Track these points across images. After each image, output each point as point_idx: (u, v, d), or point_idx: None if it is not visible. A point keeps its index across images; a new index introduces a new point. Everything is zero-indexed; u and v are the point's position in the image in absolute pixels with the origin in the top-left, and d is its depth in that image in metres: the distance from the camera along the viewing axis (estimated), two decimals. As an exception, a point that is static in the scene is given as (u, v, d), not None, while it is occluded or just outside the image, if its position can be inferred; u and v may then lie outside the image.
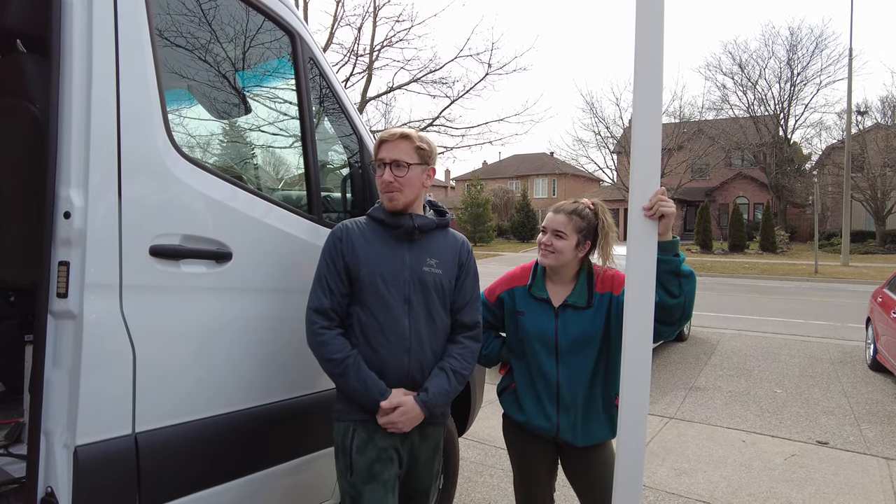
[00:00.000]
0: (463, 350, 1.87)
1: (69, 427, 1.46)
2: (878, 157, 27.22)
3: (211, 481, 1.73)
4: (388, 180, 1.79)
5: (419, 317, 1.79)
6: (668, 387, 5.89)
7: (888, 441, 4.43)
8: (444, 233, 1.92)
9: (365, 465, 1.73)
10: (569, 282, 2.00)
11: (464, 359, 1.86)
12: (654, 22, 1.62)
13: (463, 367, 1.85)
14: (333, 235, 1.83)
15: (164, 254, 1.63)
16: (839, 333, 8.80)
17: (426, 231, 1.85)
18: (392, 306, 1.77)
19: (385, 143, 1.82)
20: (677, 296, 1.74)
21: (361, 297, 1.78)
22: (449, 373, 1.81)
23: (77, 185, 1.47)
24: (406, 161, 1.80)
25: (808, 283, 16.72)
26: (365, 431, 1.75)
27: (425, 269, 1.82)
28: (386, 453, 1.76)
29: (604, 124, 33.89)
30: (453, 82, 16.86)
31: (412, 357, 1.78)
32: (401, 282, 1.78)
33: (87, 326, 1.47)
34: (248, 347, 1.86)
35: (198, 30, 1.89)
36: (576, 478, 2.06)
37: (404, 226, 1.81)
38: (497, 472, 3.76)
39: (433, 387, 1.78)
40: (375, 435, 1.75)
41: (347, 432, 1.77)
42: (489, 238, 34.70)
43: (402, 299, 1.78)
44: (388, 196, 1.81)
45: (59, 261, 1.48)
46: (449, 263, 1.87)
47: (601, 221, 1.95)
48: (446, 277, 1.85)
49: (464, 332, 1.89)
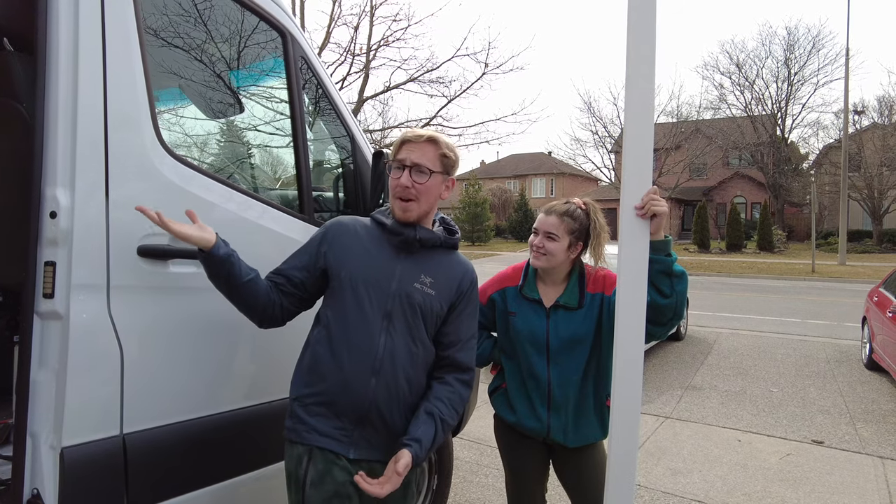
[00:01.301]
0: (453, 396, 1.65)
1: (55, 428, 1.45)
2: (874, 156, 27.24)
3: (201, 483, 1.72)
4: (405, 185, 1.60)
5: (397, 337, 1.59)
6: (664, 386, 5.89)
7: (883, 440, 4.43)
8: (449, 254, 1.74)
9: (319, 501, 1.52)
10: (560, 282, 1.99)
11: (453, 406, 1.65)
12: (647, 20, 1.62)
13: (451, 416, 1.64)
14: (331, 223, 1.71)
15: (152, 254, 1.62)
16: (835, 333, 8.81)
17: (428, 246, 1.68)
18: (368, 318, 1.58)
19: (408, 143, 1.64)
20: (669, 296, 1.73)
21: (335, 300, 1.62)
22: (438, 422, 1.59)
23: (63, 184, 1.46)
24: (429, 167, 1.61)
25: (805, 283, 16.74)
26: (323, 462, 1.54)
27: (416, 285, 1.62)
28: (345, 489, 1.53)
29: (601, 124, 33.96)
30: (450, 82, 16.82)
31: (380, 380, 1.56)
32: (384, 293, 1.60)
33: (74, 327, 1.46)
34: (239, 348, 1.86)
35: (187, 28, 1.88)
36: (567, 478, 2.06)
37: (405, 235, 1.64)
38: (492, 471, 3.76)
39: (424, 436, 1.55)
40: (334, 467, 1.53)
41: (301, 461, 1.55)
42: (487, 238, 34.70)
43: (381, 313, 1.59)
44: (403, 206, 1.62)
45: (46, 261, 1.47)
46: (446, 287, 1.67)
47: (593, 222, 1.94)
48: (439, 301, 1.65)
49: (456, 373, 1.69)
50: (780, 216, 32.48)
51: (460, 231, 1.85)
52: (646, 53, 1.62)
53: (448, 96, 16.49)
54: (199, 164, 1.92)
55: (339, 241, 1.67)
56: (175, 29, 1.84)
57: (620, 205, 1.67)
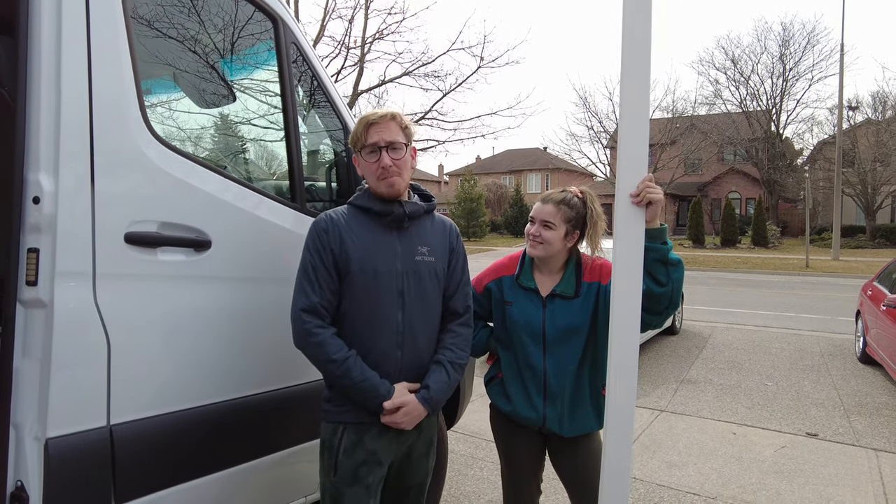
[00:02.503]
0: (456, 339, 1.81)
1: (40, 419, 1.41)
2: (868, 152, 27.32)
3: (190, 475, 1.69)
4: (387, 164, 1.67)
5: (412, 308, 1.71)
6: (659, 380, 5.89)
7: (877, 432, 4.45)
8: (431, 218, 1.85)
9: (351, 467, 1.67)
10: (557, 272, 1.97)
11: (458, 348, 1.81)
12: (643, 8, 1.59)
13: (459, 356, 1.80)
14: (317, 227, 1.70)
15: (140, 241, 1.58)
16: (829, 327, 8.84)
17: (415, 218, 1.77)
18: (384, 300, 1.68)
19: (374, 125, 1.70)
20: (665, 284, 1.71)
21: (351, 293, 1.68)
22: (447, 365, 1.76)
23: (47, 169, 1.42)
24: (402, 142, 1.71)
25: (799, 278, 16.81)
26: (355, 433, 1.69)
27: (417, 258, 1.74)
28: (374, 457, 1.69)
29: (597, 119, 33.88)
30: (445, 75, 16.72)
31: (405, 351, 1.71)
32: (393, 273, 1.70)
33: (59, 315, 1.42)
34: (229, 338, 1.82)
35: (175, 12, 1.84)
36: (563, 470, 2.04)
37: (394, 213, 1.72)
38: (487, 464, 3.74)
39: (434, 383, 1.72)
40: (365, 437, 1.69)
41: (336, 432, 1.70)
42: (482, 233, 34.65)
43: (395, 292, 1.69)
44: (388, 182, 1.69)
45: (29, 247, 1.43)
46: (440, 249, 1.80)
47: (590, 210, 1.91)
48: (440, 264, 1.79)
49: (455, 319, 1.83)
50: (775, 211, 32.59)
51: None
52: (641, 38, 1.59)
53: (443, 90, 16.40)
54: (188, 150, 1.88)
55: (338, 235, 1.69)
56: (163, 12, 1.79)
57: (616, 193, 1.65)
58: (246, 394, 1.87)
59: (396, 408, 1.66)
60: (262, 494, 1.95)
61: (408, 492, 1.86)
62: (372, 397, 1.64)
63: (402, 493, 1.85)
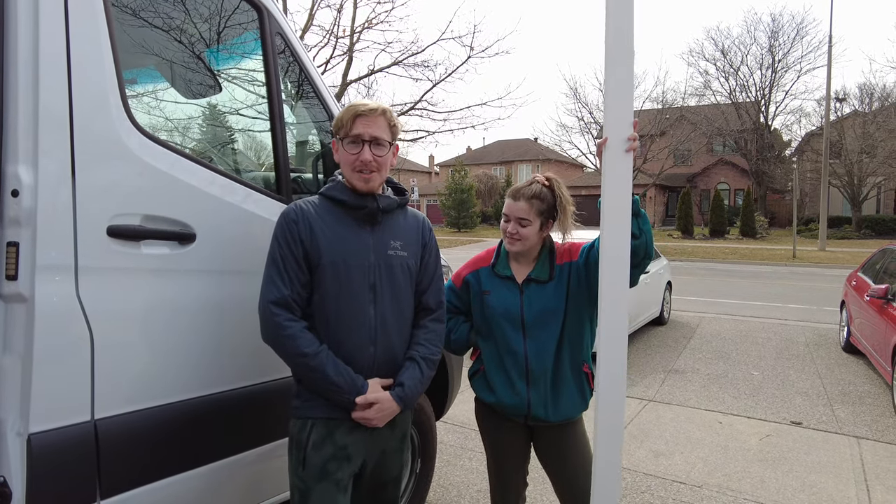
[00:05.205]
0: (429, 335, 1.80)
1: (22, 414, 1.40)
2: (855, 143, 27.59)
3: (175, 469, 1.68)
4: (367, 159, 1.65)
5: (385, 303, 1.69)
6: (647, 370, 5.95)
7: (859, 420, 4.52)
8: (404, 212, 1.83)
9: (319, 462, 1.64)
10: (532, 261, 2.03)
11: (431, 343, 1.79)
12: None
13: (432, 352, 1.79)
14: (287, 217, 1.66)
15: (123, 234, 1.56)
16: (815, 316, 8.96)
17: (388, 212, 1.75)
18: (356, 295, 1.66)
19: (362, 117, 1.66)
20: (638, 236, 1.76)
21: (322, 286, 1.65)
22: (420, 362, 1.74)
23: (26, 161, 1.39)
24: (386, 139, 1.69)
25: (786, 268, 16.99)
26: (325, 427, 1.65)
27: (390, 252, 1.72)
28: (344, 452, 1.66)
29: (587, 110, 33.96)
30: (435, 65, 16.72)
31: (378, 346, 1.68)
32: (365, 267, 1.67)
33: (40, 310, 1.40)
34: (213, 331, 1.81)
35: (159, 1, 1.80)
36: (549, 461, 2.05)
37: (368, 207, 1.69)
38: (476, 455, 3.77)
39: (408, 380, 1.70)
40: (336, 432, 1.66)
41: (305, 427, 1.66)
42: (473, 224, 34.66)
43: (367, 286, 1.67)
44: (365, 177, 1.67)
45: (8, 241, 1.41)
46: (413, 244, 1.79)
47: (558, 198, 1.97)
48: (412, 259, 1.77)
49: (428, 315, 1.82)
50: (763, 202, 32.87)
51: (446, 217, 1.88)
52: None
53: (433, 80, 16.32)
54: (171, 141, 1.85)
55: (308, 226, 1.66)
56: (145, 0, 1.76)
57: (605, 144, 1.70)
58: (232, 387, 1.86)
59: (370, 404, 1.63)
60: (248, 488, 1.95)
61: (385, 486, 1.83)
62: (345, 392, 1.61)
63: (379, 488, 1.83)
